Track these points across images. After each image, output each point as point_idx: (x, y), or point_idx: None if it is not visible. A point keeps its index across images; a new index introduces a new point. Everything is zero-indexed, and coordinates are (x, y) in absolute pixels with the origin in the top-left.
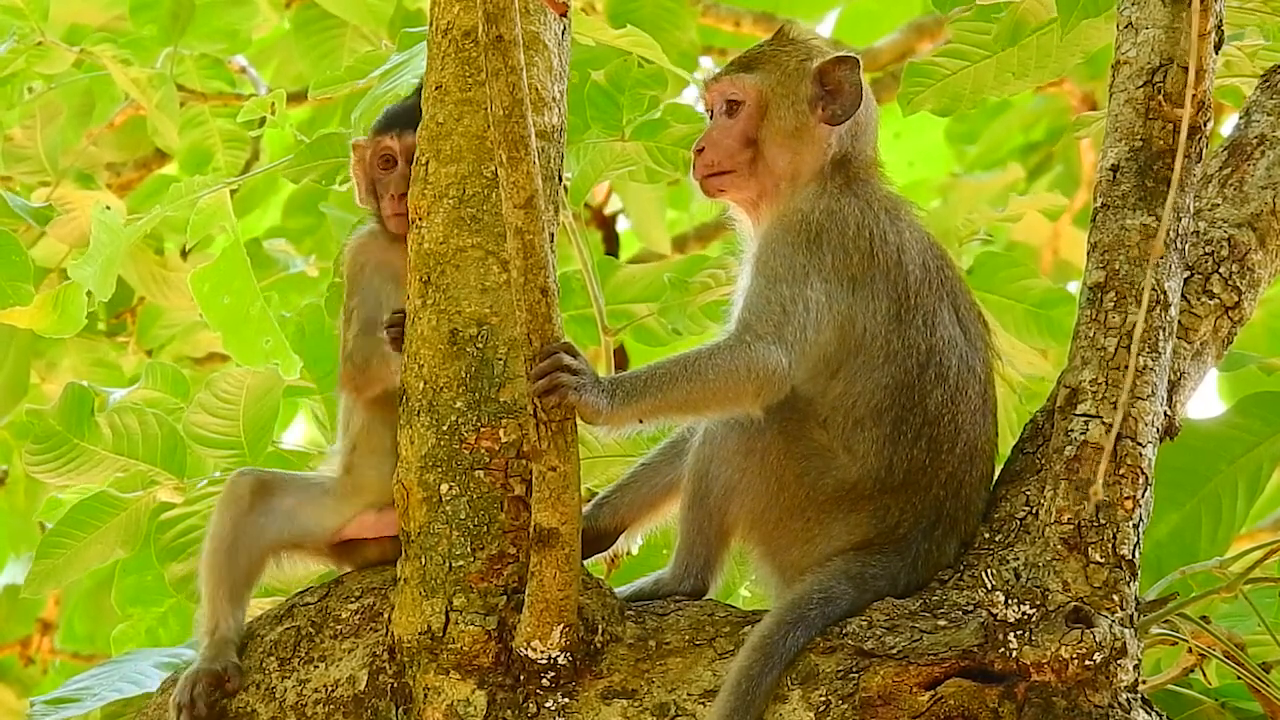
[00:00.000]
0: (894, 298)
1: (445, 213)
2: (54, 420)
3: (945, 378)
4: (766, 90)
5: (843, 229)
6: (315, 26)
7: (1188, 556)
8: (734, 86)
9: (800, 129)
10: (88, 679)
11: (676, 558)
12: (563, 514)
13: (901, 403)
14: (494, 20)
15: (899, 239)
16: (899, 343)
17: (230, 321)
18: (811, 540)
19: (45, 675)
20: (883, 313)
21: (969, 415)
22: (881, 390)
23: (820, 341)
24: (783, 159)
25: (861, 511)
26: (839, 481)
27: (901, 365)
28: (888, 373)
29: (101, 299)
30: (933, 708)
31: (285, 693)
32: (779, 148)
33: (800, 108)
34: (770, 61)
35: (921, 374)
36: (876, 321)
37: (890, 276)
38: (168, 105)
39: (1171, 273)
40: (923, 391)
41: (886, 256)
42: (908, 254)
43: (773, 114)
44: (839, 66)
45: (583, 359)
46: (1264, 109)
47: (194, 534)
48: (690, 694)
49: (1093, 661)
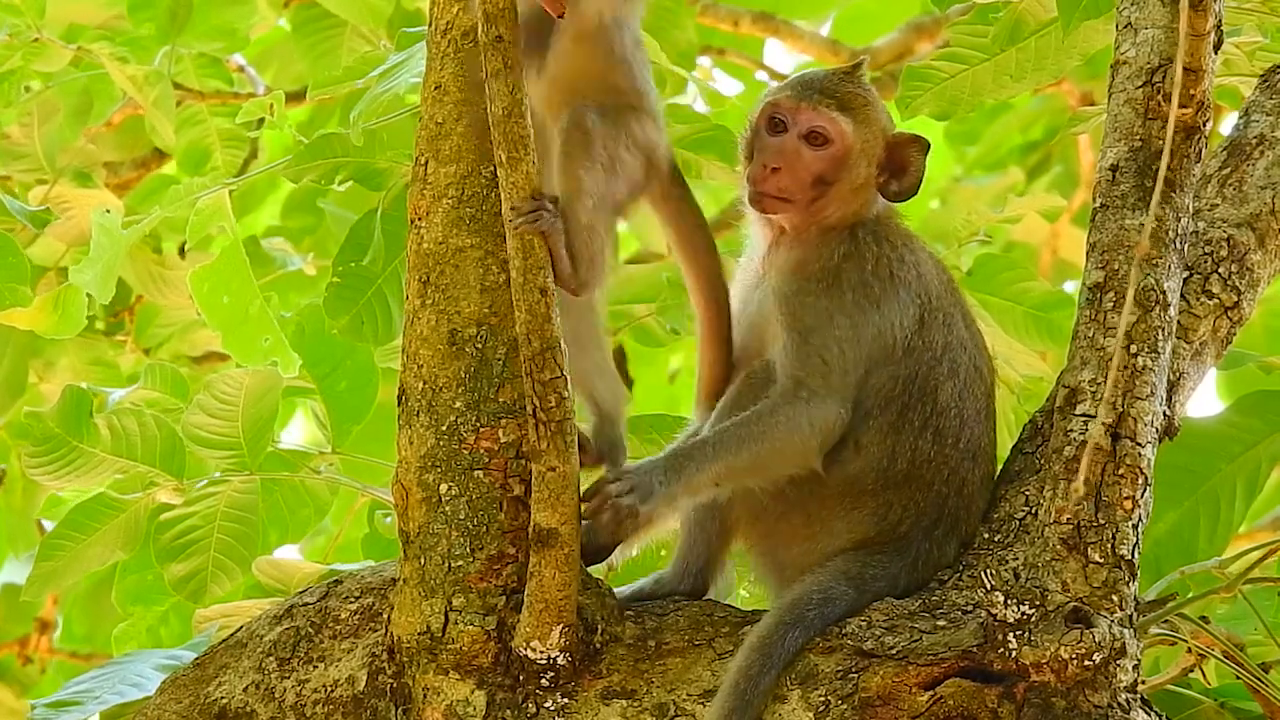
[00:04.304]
0: (919, 304)
1: (444, 213)
2: (53, 423)
3: (956, 373)
4: (857, 143)
5: (861, 266)
6: (314, 26)
7: (1186, 555)
8: (829, 124)
9: (864, 188)
10: (88, 681)
11: (677, 556)
12: (562, 514)
13: (911, 392)
14: (493, 20)
15: (915, 258)
16: (919, 340)
17: (229, 320)
18: (813, 538)
19: (43, 674)
20: (910, 318)
21: (975, 413)
22: (894, 381)
23: (860, 371)
24: (839, 210)
25: (864, 509)
26: (842, 476)
27: (919, 359)
28: (905, 366)
29: (101, 301)
30: (932, 708)
31: (285, 693)
32: (842, 200)
33: (871, 170)
34: (862, 111)
35: (935, 367)
36: (904, 327)
37: (912, 288)
38: (164, 103)
39: (1171, 273)
40: (935, 382)
41: (906, 273)
42: (924, 267)
43: (852, 165)
44: (912, 146)
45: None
46: (1263, 109)
47: (193, 534)
48: (689, 694)
49: (1092, 662)
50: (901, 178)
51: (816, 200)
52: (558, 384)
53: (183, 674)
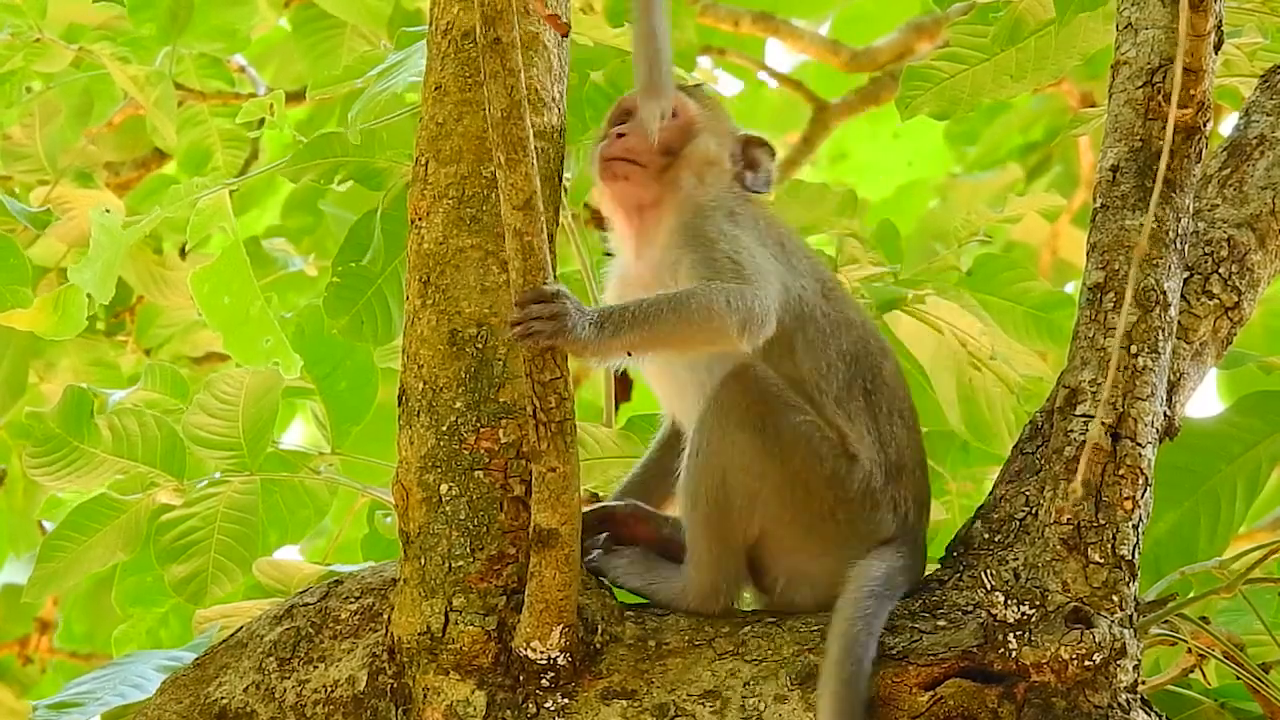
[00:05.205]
0: (816, 277)
1: (445, 213)
2: (54, 423)
3: (886, 352)
4: (701, 119)
5: (755, 219)
6: (314, 26)
7: (1186, 555)
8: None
9: (716, 165)
10: (89, 682)
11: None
12: (562, 514)
13: (861, 370)
14: (491, 22)
15: (795, 239)
16: (837, 314)
17: (230, 321)
18: (844, 544)
19: (43, 675)
20: (811, 287)
21: (906, 392)
22: (843, 359)
23: (776, 284)
24: (693, 181)
25: (881, 507)
26: (859, 477)
27: (848, 334)
28: (842, 339)
29: (101, 302)
30: (932, 708)
31: (285, 693)
32: (694, 172)
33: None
34: (705, 100)
35: (867, 344)
36: (809, 292)
37: (808, 259)
38: (165, 103)
39: (1171, 273)
40: (876, 361)
41: (796, 244)
42: (804, 247)
43: (698, 137)
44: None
45: (563, 298)
46: (1263, 109)
47: (194, 535)
48: (690, 694)
49: (1092, 662)
50: (756, 171)
51: (667, 169)
52: (558, 384)
53: (183, 674)
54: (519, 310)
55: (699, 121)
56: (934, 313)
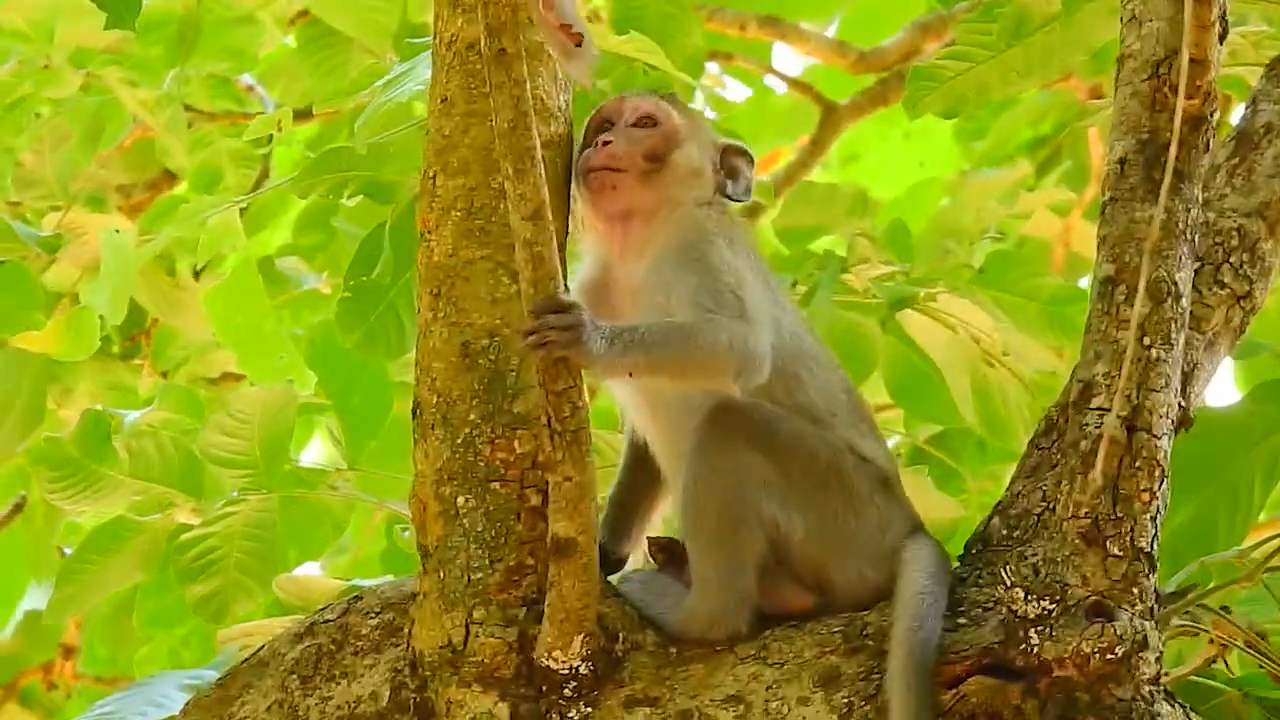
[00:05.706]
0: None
1: (454, 225)
2: (72, 447)
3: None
4: (684, 127)
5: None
6: (320, 43)
7: (1205, 546)
8: (655, 108)
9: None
10: (112, 703)
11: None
12: (579, 524)
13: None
14: (496, 33)
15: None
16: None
17: (244, 339)
18: (885, 530)
19: (68, 700)
20: (795, 318)
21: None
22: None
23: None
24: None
25: (894, 504)
26: (877, 478)
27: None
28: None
29: (114, 323)
30: (956, 706)
31: (308, 711)
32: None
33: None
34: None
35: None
36: (797, 324)
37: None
38: (175, 125)
39: (1182, 264)
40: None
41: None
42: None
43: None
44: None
45: (579, 310)
46: (1270, 98)
47: (213, 554)
48: (713, 699)
49: (1114, 655)
50: (735, 180)
51: (652, 176)
52: (571, 394)
53: (206, 694)
54: (534, 319)
55: (682, 130)
56: (947, 310)
